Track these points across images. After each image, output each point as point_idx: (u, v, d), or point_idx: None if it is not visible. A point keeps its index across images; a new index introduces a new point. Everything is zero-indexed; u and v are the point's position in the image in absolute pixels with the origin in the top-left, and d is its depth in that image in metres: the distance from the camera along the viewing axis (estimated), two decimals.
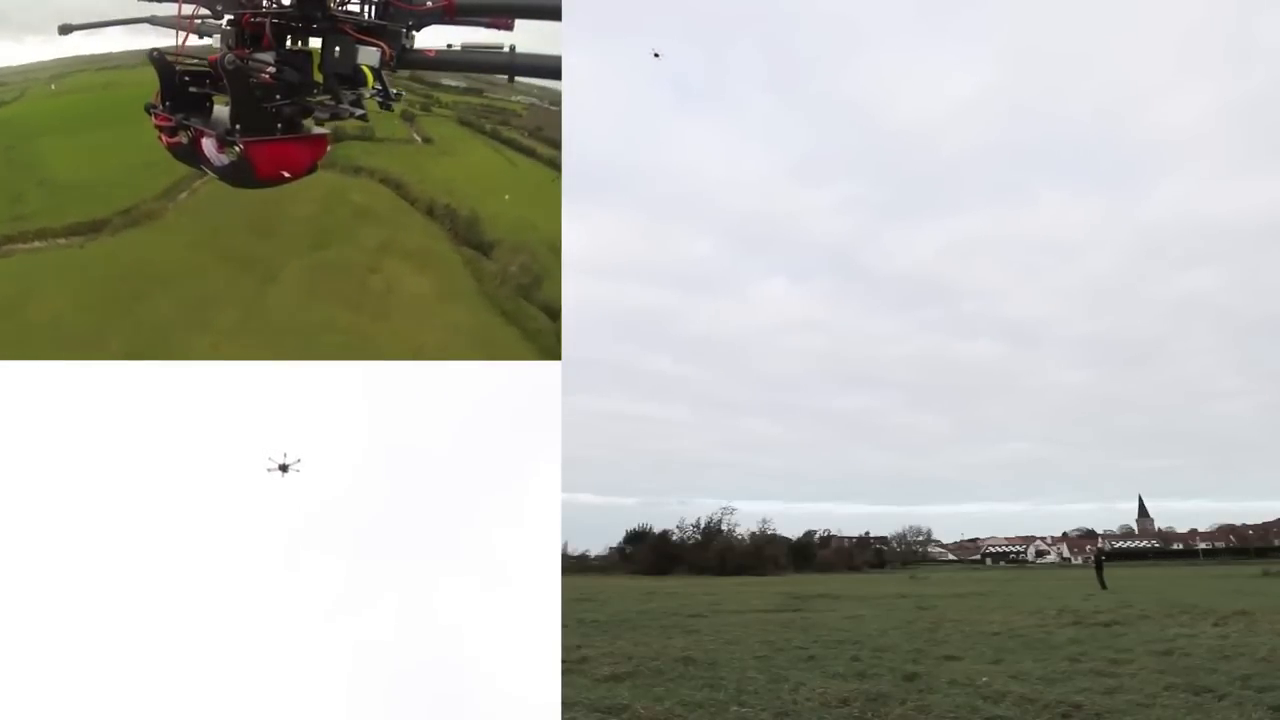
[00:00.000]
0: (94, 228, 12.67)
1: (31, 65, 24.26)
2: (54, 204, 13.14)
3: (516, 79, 9.17)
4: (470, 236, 14.11)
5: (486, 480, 7.25)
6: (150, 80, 8.03)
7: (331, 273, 11.34)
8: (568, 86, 9.08)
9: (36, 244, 12.01)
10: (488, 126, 27.54)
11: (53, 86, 23.02)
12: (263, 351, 8.45)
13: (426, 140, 24.28)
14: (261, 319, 9.86)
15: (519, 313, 11.09)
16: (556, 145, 21.46)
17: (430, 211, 15.39)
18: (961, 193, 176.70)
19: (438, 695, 6.86)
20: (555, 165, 20.89)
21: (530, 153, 23.57)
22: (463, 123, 28.33)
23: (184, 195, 14.66)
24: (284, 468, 7.16)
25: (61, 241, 12.11)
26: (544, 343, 9.94)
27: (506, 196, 16.12)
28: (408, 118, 23.28)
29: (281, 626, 6.90)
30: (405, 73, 8.75)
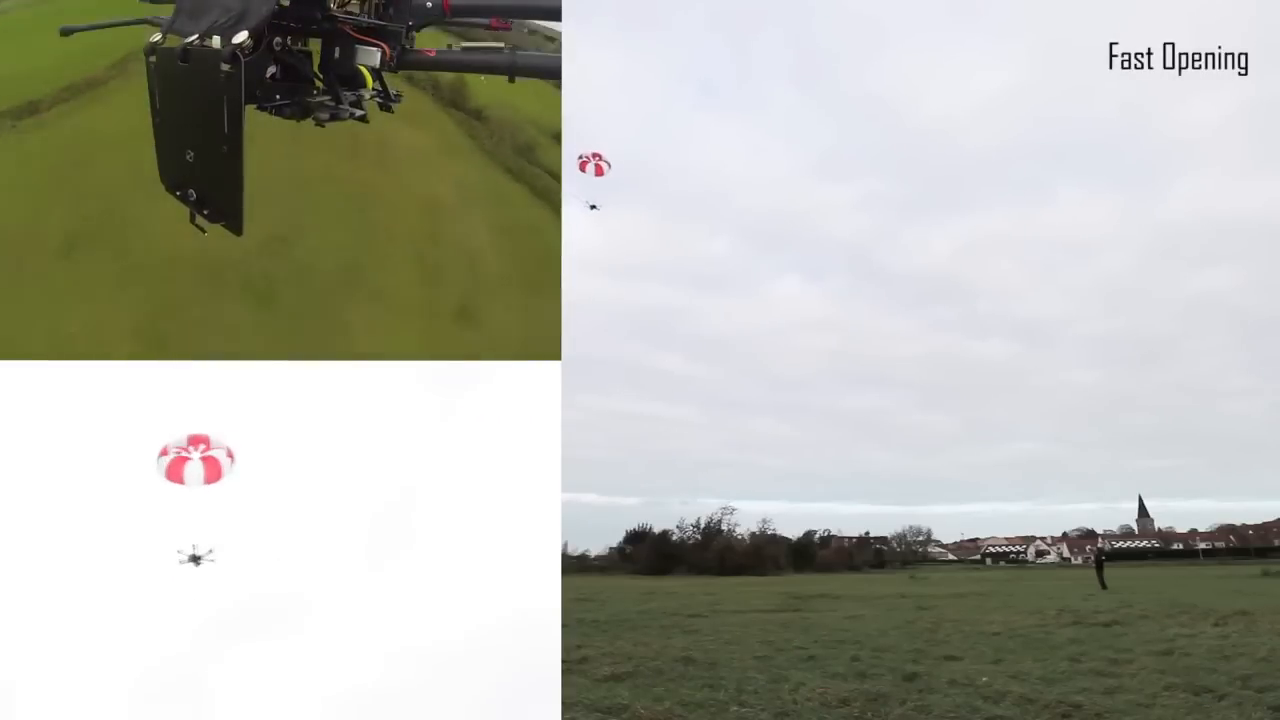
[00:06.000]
0: (31, 110, 11.20)
1: None
2: None
3: (521, 56, 8.92)
4: (457, 101, 13.16)
5: (486, 480, 7.25)
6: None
7: (313, 127, 10.44)
8: (578, 84, 8.89)
9: None
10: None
11: None
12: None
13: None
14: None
15: (523, 171, 10.47)
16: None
17: (410, 79, 14.35)
18: (983, 190, 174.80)
19: (437, 695, 6.86)
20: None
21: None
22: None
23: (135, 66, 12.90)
24: (195, 559, 6.73)
25: None
26: (554, 201, 9.42)
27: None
28: None
29: (278, 626, 6.89)
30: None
